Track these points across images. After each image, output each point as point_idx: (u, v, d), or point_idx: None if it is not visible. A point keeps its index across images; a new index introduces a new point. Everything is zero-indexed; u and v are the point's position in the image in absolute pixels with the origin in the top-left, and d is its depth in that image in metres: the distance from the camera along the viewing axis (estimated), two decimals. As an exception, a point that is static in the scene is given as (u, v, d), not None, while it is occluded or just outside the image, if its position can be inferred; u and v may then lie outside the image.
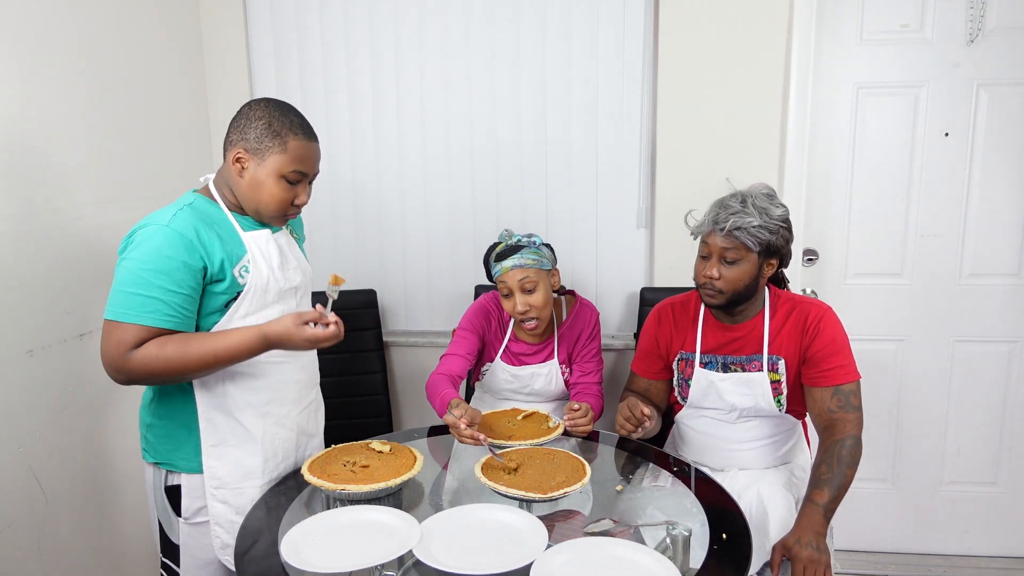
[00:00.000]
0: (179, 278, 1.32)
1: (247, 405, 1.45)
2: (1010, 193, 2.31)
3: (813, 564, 1.38)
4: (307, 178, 1.45)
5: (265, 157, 1.39)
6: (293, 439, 1.54)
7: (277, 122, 1.39)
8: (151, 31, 2.16)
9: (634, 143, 2.38)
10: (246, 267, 1.41)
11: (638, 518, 1.35)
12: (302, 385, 1.56)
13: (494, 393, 2.05)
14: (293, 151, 1.40)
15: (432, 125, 2.45)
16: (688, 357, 1.75)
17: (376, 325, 2.47)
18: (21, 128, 1.69)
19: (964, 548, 2.53)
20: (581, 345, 1.97)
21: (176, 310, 1.33)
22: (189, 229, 1.34)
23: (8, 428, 1.64)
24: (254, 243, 1.44)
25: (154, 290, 1.30)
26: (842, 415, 1.58)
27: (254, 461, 1.46)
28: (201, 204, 1.44)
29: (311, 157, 1.43)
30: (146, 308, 1.30)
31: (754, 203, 1.59)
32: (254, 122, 1.40)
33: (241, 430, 1.45)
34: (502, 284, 1.84)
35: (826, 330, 1.63)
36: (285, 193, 1.42)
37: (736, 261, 1.59)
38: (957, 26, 2.23)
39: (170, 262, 1.31)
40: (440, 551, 1.15)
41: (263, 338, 1.35)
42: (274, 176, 1.40)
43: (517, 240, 1.87)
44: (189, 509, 1.46)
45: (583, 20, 2.32)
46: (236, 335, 1.35)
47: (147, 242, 1.32)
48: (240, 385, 1.44)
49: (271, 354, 1.42)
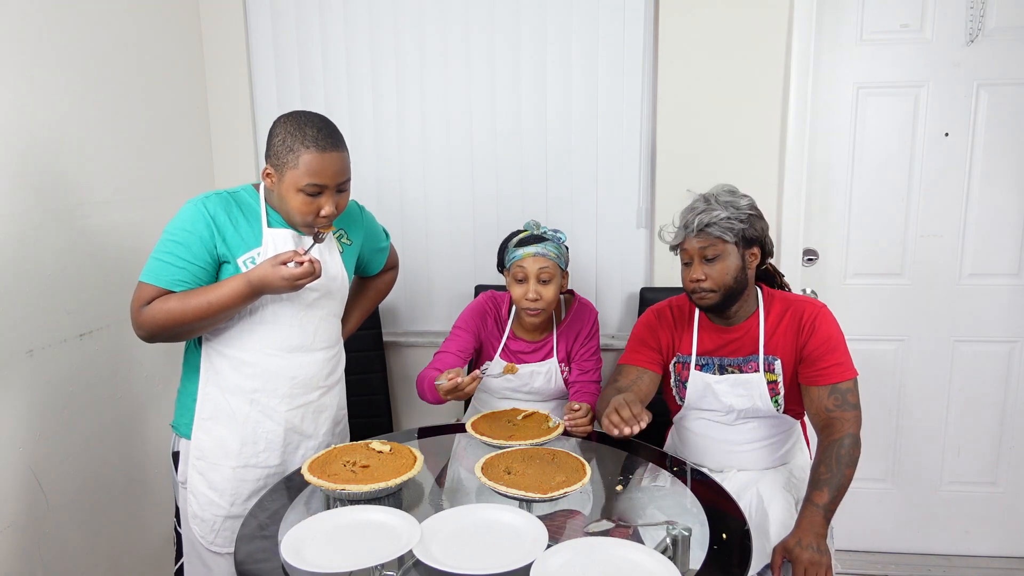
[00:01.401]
0: (196, 251, 1.44)
1: (237, 388, 1.54)
2: (1010, 193, 2.31)
3: (814, 566, 1.37)
4: (327, 189, 1.46)
5: (284, 172, 1.44)
6: (280, 433, 1.58)
7: (291, 137, 1.43)
8: (151, 31, 2.16)
9: (634, 143, 2.38)
10: (253, 259, 1.48)
11: (638, 518, 1.35)
12: (297, 383, 1.58)
13: (493, 392, 2.05)
14: (306, 165, 1.42)
15: (432, 125, 2.45)
16: (684, 360, 1.75)
17: (376, 325, 2.47)
18: (21, 129, 1.69)
19: (964, 548, 2.53)
20: (580, 344, 1.97)
21: (191, 278, 1.44)
22: (215, 209, 1.47)
23: (8, 428, 1.64)
24: (271, 239, 1.51)
25: (174, 258, 1.43)
26: (839, 414, 1.58)
27: (233, 443, 1.55)
28: (244, 194, 1.54)
29: (326, 169, 1.43)
30: (165, 272, 1.43)
31: (717, 200, 1.63)
32: (274, 139, 1.46)
33: (229, 410, 1.54)
34: (519, 269, 1.84)
35: (821, 328, 1.63)
36: (307, 206, 1.45)
37: (716, 257, 1.61)
38: (957, 26, 2.23)
39: (189, 236, 1.44)
40: (440, 551, 1.15)
41: (247, 283, 1.42)
42: (293, 190, 1.44)
43: (544, 231, 1.90)
44: (183, 474, 1.59)
45: (583, 21, 2.33)
46: (227, 284, 1.43)
47: (180, 214, 1.47)
48: (236, 369, 1.53)
49: (265, 345, 1.53)
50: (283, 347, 1.55)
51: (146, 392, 2.10)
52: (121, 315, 1.99)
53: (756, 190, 2.27)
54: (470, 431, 1.65)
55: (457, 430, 1.78)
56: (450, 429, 1.81)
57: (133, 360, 2.04)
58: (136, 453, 2.09)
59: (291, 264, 1.39)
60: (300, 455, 1.63)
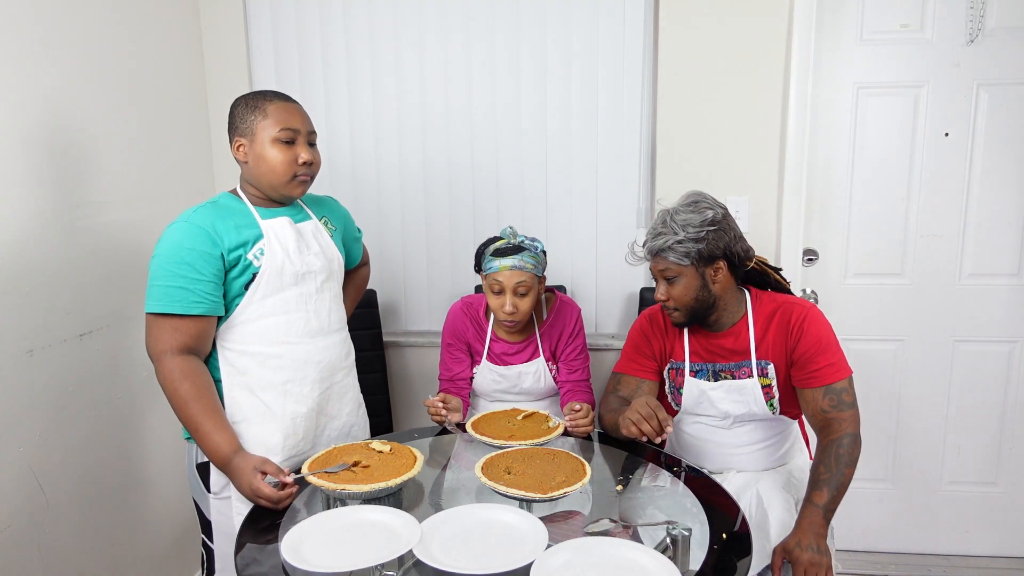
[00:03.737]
0: (201, 266, 1.43)
1: (268, 384, 1.53)
2: (1010, 193, 2.31)
3: (814, 567, 1.37)
4: (300, 135, 1.52)
5: (255, 132, 1.50)
6: (314, 418, 1.61)
7: (252, 99, 1.52)
8: (151, 31, 2.16)
9: (634, 143, 2.38)
10: (262, 250, 1.50)
11: (638, 518, 1.35)
12: (323, 367, 1.61)
13: (485, 396, 2.05)
14: (274, 113, 1.50)
15: (432, 125, 2.45)
16: (678, 366, 1.74)
17: (376, 325, 2.47)
18: (20, 129, 1.69)
19: (964, 548, 2.53)
20: (564, 343, 1.97)
21: (202, 297, 1.44)
22: (206, 221, 1.46)
23: (8, 428, 1.64)
24: (271, 228, 1.53)
25: (179, 280, 1.42)
26: (836, 414, 1.57)
27: (275, 438, 1.54)
28: (225, 200, 1.55)
29: (294, 113, 1.53)
30: (175, 298, 1.42)
31: (674, 219, 1.60)
32: (235, 112, 1.54)
33: (263, 408, 1.53)
34: (495, 281, 1.83)
35: (810, 330, 1.61)
36: (285, 155, 1.50)
37: (675, 277, 1.61)
38: (957, 26, 2.23)
39: (191, 253, 1.43)
40: (440, 551, 1.15)
41: (226, 459, 1.42)
42: (268, 143, 1.50)
43: (521, 240, 1.85)
44: (218, 484, 1.53)
45: (583, 20, 2.32)
46: (223, 434, 1.43)
47: (170, 237, 1.45)
48: (262, 364, 1.53)
49: (289, 335, 1.54)
50: (305, 332, 1.57)
51: (146, 392, 2.09)
52: (121, 315, 2.00)
53: (756, 190, 2.30)
54: (470, 431, 1.65)
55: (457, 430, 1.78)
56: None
57: (133, 360, 2.04)
58: (136, 453, 2.09)
59: (270, 478, 1.36)
60: (326, 437, 1.65)
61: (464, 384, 2.02)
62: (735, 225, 1.64)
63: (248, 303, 1.50)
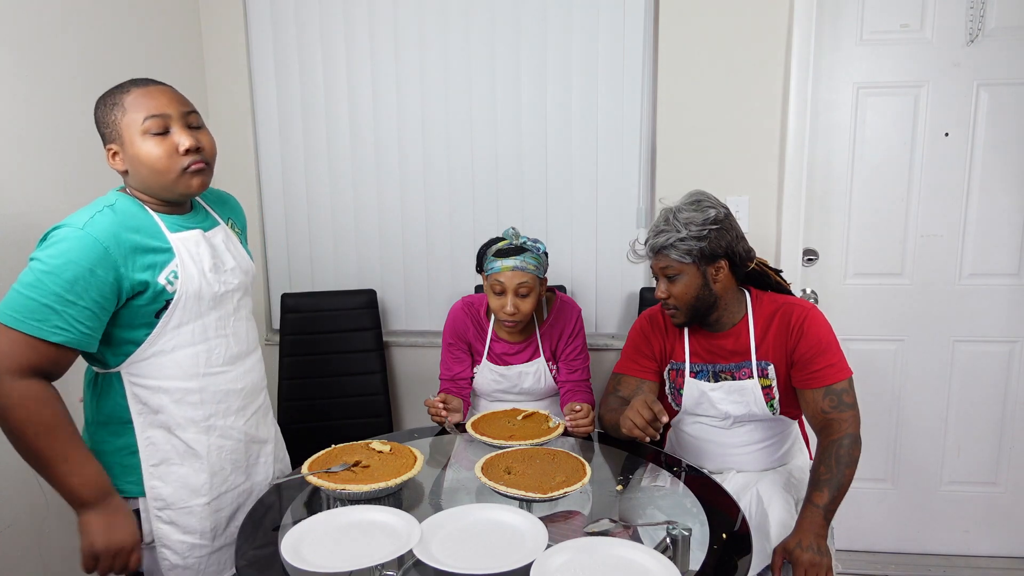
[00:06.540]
0: (81, 289, 1.19)
1: (188, 421, 1.35)
2: (1010, 193, 2.31)
3: (814, 567, 1.37)
4: (172, 119, 1.29)
5: (121, 132, 1.28)
6: (242, 449, 1.45)
7: (108, 98, 1.30)
8: (151, 31, 2.16)
9: (634, 143, 2.38)
10: (175, 272, 1.30)
11: (638, 518, 1.35)
12: (246, 393, 1.45)
13: (485, 395, 2.05)
14: (133, 104, 1.27)
15: (432, 125, 2.45)
16: (678, 367, 1.74)
17: (376, 325, 2.47)
18: (20, 129, 1.69)
19: (964, 548, 2.53)
20: (565, 342, 1.98)
21: (70, 324, 1.19)
22: (106, 235, 1.22)
23: (8, 428, 1.63)
24: (183, 246, 1.33)
25: (50, 297, 1.17)
26: (836, 415, 1.57)
27: (200, 478, 1.37)
28: (124, 204, 1.30)
29: (157, 98, 1.29)
30: (36, 316, 1.17)
31: (677, 216, 1.60)
32: (96, 117, 1.32)
33: (184, 447, 1.36)
34: (496, 282, 1.83)
35: (810, 331, 1.61)
36: (161, 147, 1.27)
37: (677, 275, 1.61)
38: (957, 26, 2.23)
39: (76, 269, 1.18)
40: (440, 551, 1.15)
41: (102, 492, 1.25)
42: (139, 141, 1.27)
43: (523, 241, 1.86)
44: (148, 533, 1.36)
45: (583, 20, 2.32)
46: (95, 465, 1.25)
47: (57, 244, 1.20)
48: (179, 402, 1.34)
49: (210, 364, 1.36)
50: (226, 359, 1.40)
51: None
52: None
53: (756, 190, 2.30)
54: (470, 431, 1.65)
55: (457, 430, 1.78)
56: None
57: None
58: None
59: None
60: (262, 463, 1.51)
61: (465, 384, 2.02)
62: (737, 225, 1.64)
63: (160, 333, 1.30)
